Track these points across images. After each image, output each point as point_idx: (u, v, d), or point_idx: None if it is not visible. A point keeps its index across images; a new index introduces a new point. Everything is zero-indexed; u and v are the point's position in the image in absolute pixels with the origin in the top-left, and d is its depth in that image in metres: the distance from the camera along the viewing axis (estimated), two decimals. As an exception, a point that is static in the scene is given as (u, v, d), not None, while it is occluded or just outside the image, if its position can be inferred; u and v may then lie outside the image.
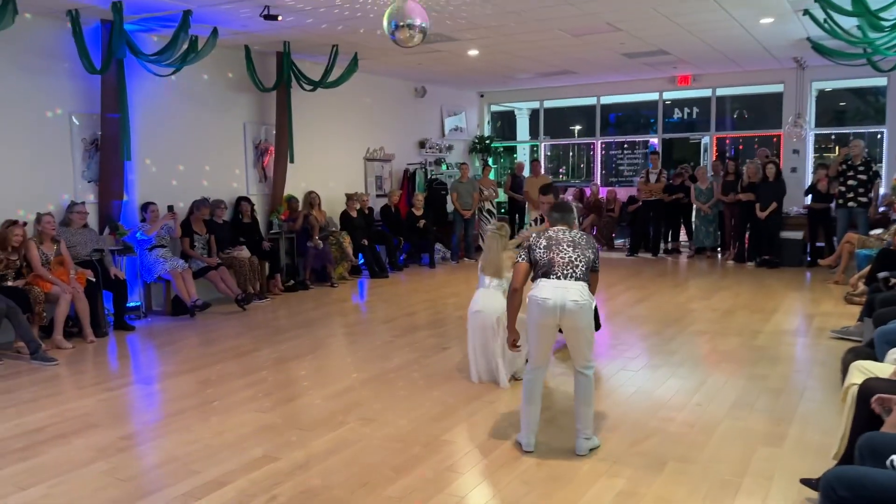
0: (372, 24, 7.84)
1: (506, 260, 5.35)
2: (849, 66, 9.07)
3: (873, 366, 3.80)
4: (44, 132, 7.41)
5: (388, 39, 6.35)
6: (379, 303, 8.94)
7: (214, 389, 5.33)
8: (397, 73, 12.03)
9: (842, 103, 14.17)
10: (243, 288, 8.60)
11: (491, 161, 14.65)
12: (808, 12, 7.23)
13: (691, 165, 13.04)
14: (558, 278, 3.88)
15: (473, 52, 10.10)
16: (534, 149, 15.71)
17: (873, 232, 9.54)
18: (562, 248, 3.95)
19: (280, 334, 7.14)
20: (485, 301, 5.33)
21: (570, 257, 3.92)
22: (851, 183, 10.28)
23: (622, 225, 13.71)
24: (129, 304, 7.75)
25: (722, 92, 13.32)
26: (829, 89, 13.00)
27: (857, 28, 7.03)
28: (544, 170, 14.35)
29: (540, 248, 3.98)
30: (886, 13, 6.16)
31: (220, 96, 9.36)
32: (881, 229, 9.47)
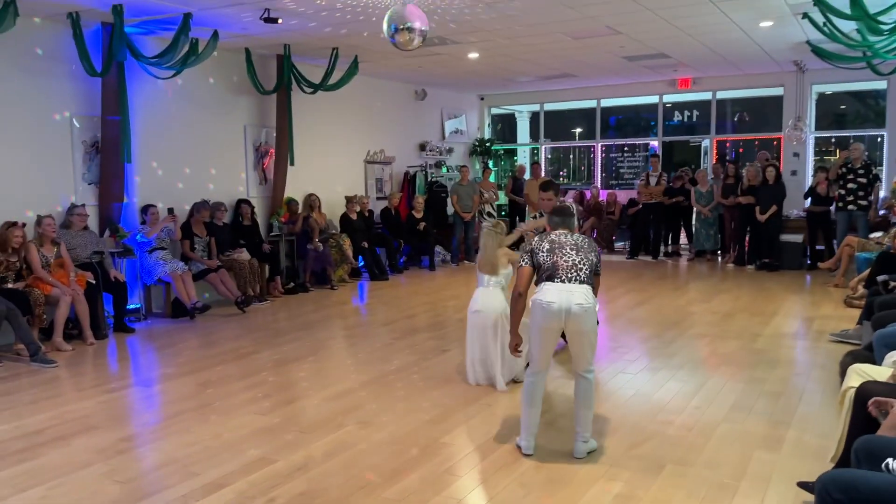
0: (372, 27, 7.86)
1: (501, 257, 5.35)
2: (848, 69, 9.09)
3: (871, 369, 3.80)
4: (45, 134, 7.43)
5: (388, 42, 6.38)
6: (379, 305, 8.95)
7: (214, 391, 5.34)
8: (398, 76, 12.05)
9: (842, 106, 14.18)
10: (243, 290, 8.60)
11: (491, 164, 14.67)
12: (807, 16, 7.23)
13: (692, 168, 13.06)
14: (563, 282, 3.87)
15: (473, 55, 10.12)
16: (534, 151, 15.72)
17: (873, 235, 9.54)
18: (565, 251, 3.94)
19: (280, 336, 7.14)
20: (484, 300, 5.33)
21: (574, 260, 3.91)
22: (851, 186, 10.29)
23: (622, 228, 13.71)
24: (128, 307, 7.76)
25: (722, 95, 13.33)
26: (829, 92, 13.01)
27: (856, 31, 7.04)
28: (545, 172, 14.36)
29: (543, 252, 3.97)
30: (885, 17, 6.17)
31: (221, 99, 9.38)
32: (881, 232, 9.48)
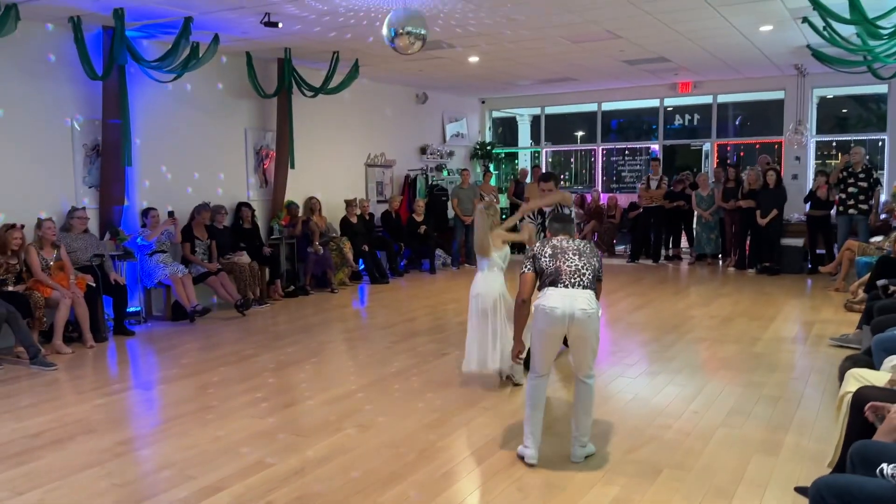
0: (373, 31, 7.87)
1: (494, 238, 5.36)
2: (849, 73, 9.08)
3: (869, 374, 3.81)
4: (46, 137, 7.45)
5: (388, 46, 6.39)
6: (379, 308, 8.95)
7: (213, 395, 5.34)
8: (398, 80, 12.06)
9: (843, 110, 14.18)
10: (243, 293, 8.61)
11: (492, 167, 14.67)
12: (807, 20, 7.24)
13: (693, 172, 13.05)
14: (566, 287, 3.85)
15: (474, 59, 10.13)
16: (535, 155, 15.73)
17: (873, 239, 9.53)
18: (567, 256, 3.93)
19: (279, 340, 7.15)
20: (483, 284, 5.37)
21: (577, 265, 3.90)
22: (852, 190, 10.28)
23: (623, 231, 13.71)
24: (129, 310, 7.77)
25: (723, 99, 13.33)
26: (830, 96, 13.01)
27: (856, 36, 7.04)
28: (546, 176, 14.32)
29: (545, 258, 3.96)
30: (884, 21, 6.17)
31: (222, 102, 9.40)
32: (881, 236, 9.47)
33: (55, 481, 3.82)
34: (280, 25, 7.53)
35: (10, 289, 6.51)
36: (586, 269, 3.90)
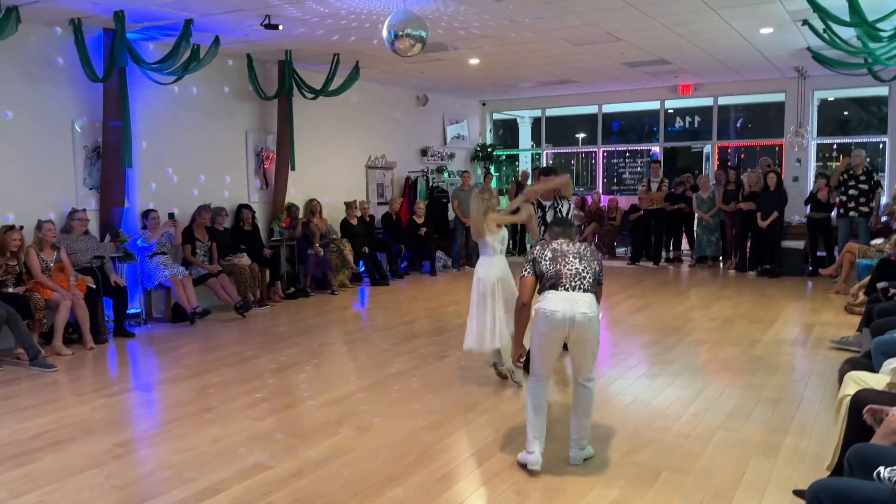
0: (373, 33, 7.88)
1: (489, 222, 5.45)
2: (850, 75, 9.08)
3: (868, 377, 3.80)
4: (46, 139, 7.46)
5: (388, 48, 6.40)
6: (379, 310, 8.95)
7: (212, 396, 5.35)
8: (399, 82, 12.07)
9: (845, 112, 14.17)
10: (244, 295, 8.61)
11: (493, 169, 14.68)
12: (807, 22, 7.24)
13: (694, 174, 13.04)
14: (566, 290, 3.84)
15: (474, 61, 10.13)
16: (536, 157, 15.73)
17: (874, 242, 9.52)
18: (568, 259, 3.92)
19: (279, 342, 7.15)
20: (482, 268, 5.49)
21: (578, 269, 3.88)
22: (853, 192, 10.27)
23: (624, 233, 13.71)
24: (129, 311, 7.78)
25: (724, 101, 13.33)
26: (831, 98, 13.00)
27: (856, 38, 7.03)
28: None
29: (545, 261, 3.94)
30: (884, 23, 6.16)
31: (222, 104, 9.41)
32: (882, 239, 9.46)
33: (54, 483, 3.82)
34: (280, 28, 7.54)
35: (10, 290, 6.52)
36: (587, 273, 3.89)
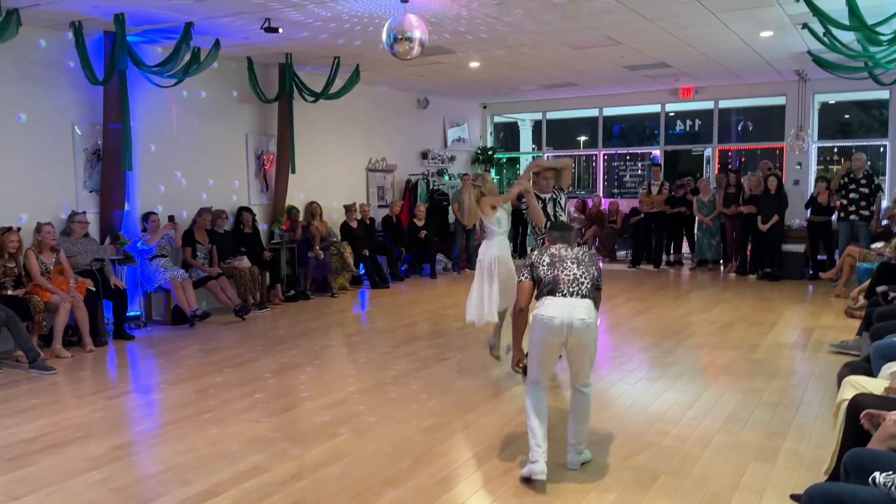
0: (372, 37, 7.89)
1: (484, 206, 5.74)
2: (850, 79, 9.07)
3: (866, 381, 3.79)
4: (46, 142, 7.47)
5: (388, 52, 6.41)
6: (379, 313, 8.95)
7: (211, 399, 5.34)
8: (399, 85, 12.09)
9: (846, 116, 14.17)
10: (244, 298, 8.62)
11: (494, 172, 14.68)
12: (807, 26, 7.23)
13: (695, 178, 13.04)
14: (564, 296, 3.81)
15: (475, 65, 10.14)
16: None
17: (874, 245, 9.51)
18: (566, 265, 3.89)
19: (279, 344, 7.15)
20: (485, 250, 5.84)
21: (575, 274, 3.86)
22: (853, 196, 10.27)
23: (624, 237, 13.70)
24: (128, 314, 7.78)
25: (724, 104, 13.32)
26: (832, 102, 13.00)
27: (856, 42, 7.03)
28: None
29: (543, 266, 3.92)
30: (883, 27, 6.17)
31: (223, 107, 9.42)
32: (882, 243, 9.45)
33: (51, 485, 3.82)
34: (280, 31, 7.55)
35: (10, 293, 6.52)
36: (585, 278, 3.87)
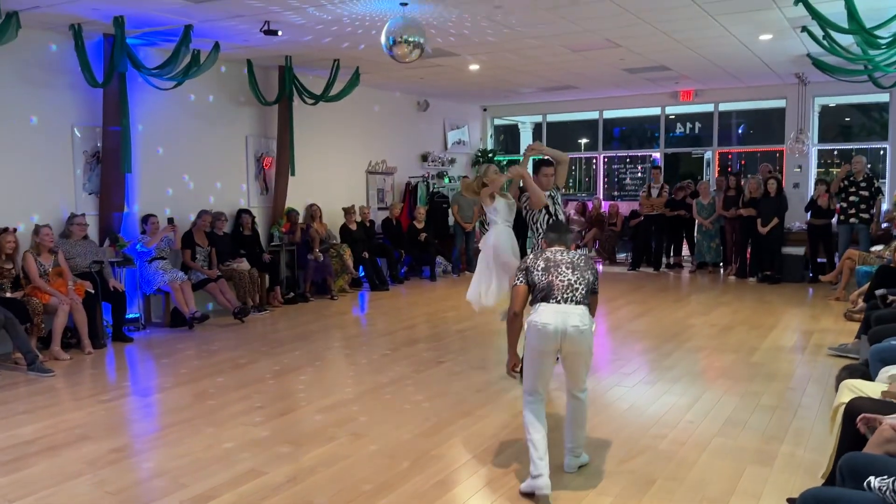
0: (372, 39, 7.89)
1: (483, 198, 5.89)
2: (850, 82, 9.07)
3: (863, 385, 3.79)
4: (46, 144, 7.47)
5: (387, 55, 6.42)
6: (378, 316, 8.95)
7: (209, 402, 5.34)
8: (399, 87, 12.09)
9: (846, 119, 14.16)
10: (243, 300, 8.62)
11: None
12: (806, 29, 7.23)
13: (695, 180, 13.03)
14: (558, 302, 3.76)
15: (474, 67, 10.15)
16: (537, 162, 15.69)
17: (874, 248, 9.50)
18: (560, 270, 3.84)
19: (278, 347, 7.14)
20: (484, 239, 5.96)
21: (570, 280, 3.81)
22: (853, 199, 10.26)
23: (624, 239, 13.69)
24: (127, 316, 7.78)
25: (725, 107, 13.32)
26: (833, 105, 12.99)
27: (855, 45, 7.03)
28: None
29: (538, 271, 3.86)
30: (882, 30, 6.16)
31: (223, 110, 9.42)
32: (882, 246, 9.44)
33: (48, 488, 3.82)
34: (279, 34, 7.55)
35: (8, 295, 6.53)
36: (580, 284, 3.82)
